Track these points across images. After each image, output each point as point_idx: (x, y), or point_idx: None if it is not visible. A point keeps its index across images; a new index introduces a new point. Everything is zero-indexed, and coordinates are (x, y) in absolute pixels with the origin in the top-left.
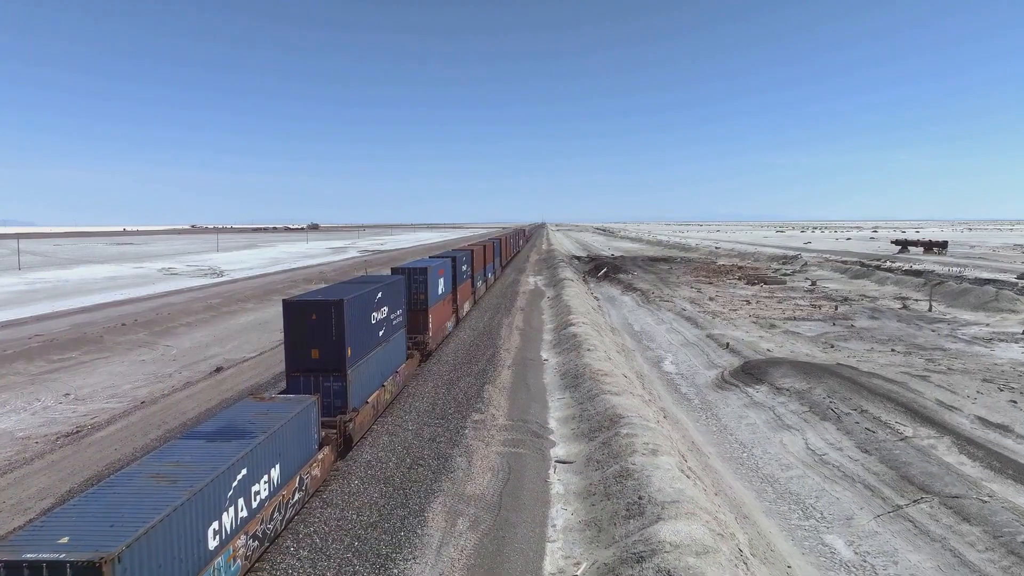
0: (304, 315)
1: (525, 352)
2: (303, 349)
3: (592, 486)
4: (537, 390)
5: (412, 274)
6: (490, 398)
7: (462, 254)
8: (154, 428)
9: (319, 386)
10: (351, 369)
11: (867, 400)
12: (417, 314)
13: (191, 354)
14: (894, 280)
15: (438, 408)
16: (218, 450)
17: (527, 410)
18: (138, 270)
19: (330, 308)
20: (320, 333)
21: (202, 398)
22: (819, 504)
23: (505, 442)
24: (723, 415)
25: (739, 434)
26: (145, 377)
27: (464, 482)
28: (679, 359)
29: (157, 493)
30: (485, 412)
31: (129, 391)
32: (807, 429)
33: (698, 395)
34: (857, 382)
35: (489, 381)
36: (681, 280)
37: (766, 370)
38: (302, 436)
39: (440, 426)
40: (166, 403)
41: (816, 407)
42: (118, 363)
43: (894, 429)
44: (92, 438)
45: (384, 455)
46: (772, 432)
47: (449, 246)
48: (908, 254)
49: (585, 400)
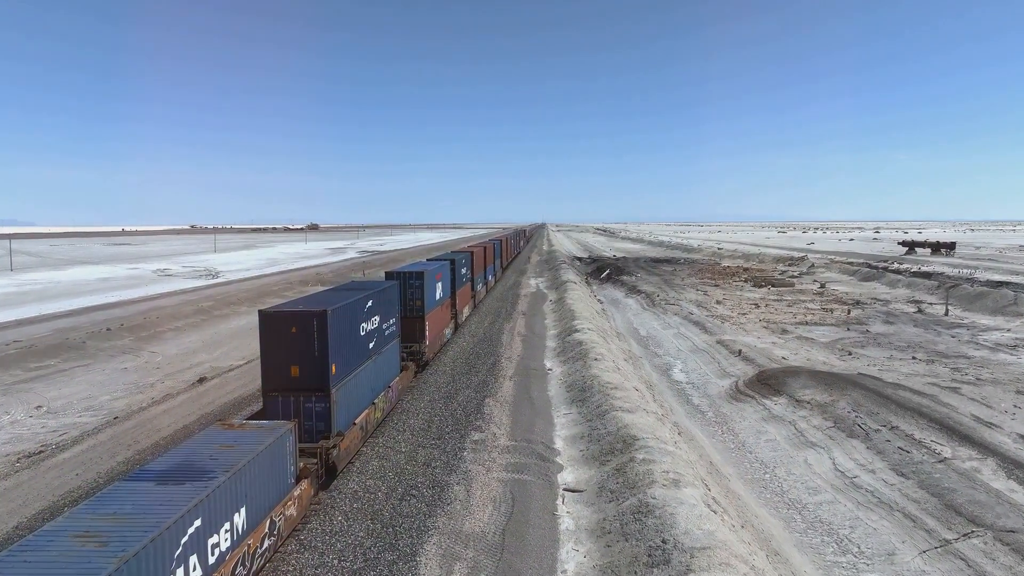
0: (283, 328)
1: (528, 361)
2: (282, 366)
3: (606, 522)
4: (541, 404)
5: (408, 279)
6: (491, 414)
7: (461, 256)
8: (123, 449)
9: (300, 407)
10: (336, 388)
11: (896, 415)
12: (413, 322)
13: (176, 361)
14: (906, 283)
15: (434, 426)
16: (168, 496)
17: (531, 428)
18: (132, 271)
19: (312, 320)
20: (301, 348)
21: (180, 413)
22: (855, 536)
23: (508, 466)
24: (740, 430)
25: (759, 452)
26: (125, 387)
27: (462, 516)
28: (689, 367)
29: (80, 560)
30: (485, 430)
31: (106, 403)
32: (833, 447)
33: (712, 407)
34: (883, 394)
35: (490, 394)
36: (686, 282)
37: (784, 380)
38: (275, 471)
39: (436, 447)
40: (141, 419)
41: (841, 422)
42: (99, 371)
43: (930, 449)
44: (55, 460)
45: (373, 483)
46: (795, 450)
47: (449, 246)
48: (916, 255)
49: (594, 417)
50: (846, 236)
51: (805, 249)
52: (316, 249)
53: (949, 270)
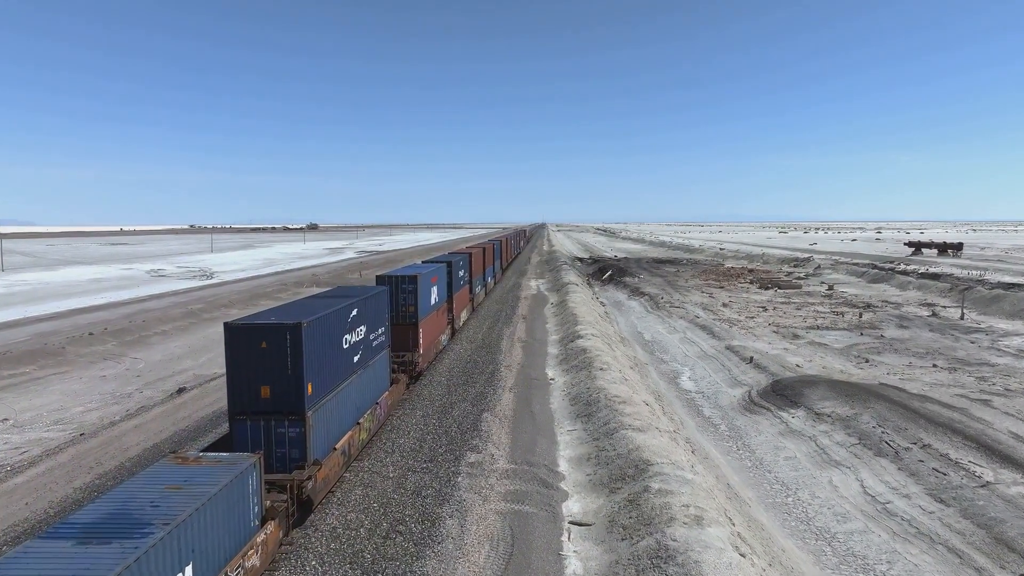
0: (251, 342)
1: (529, 369)
2: (250, 386)
3: (619, 565)
4: (544, 420)
5: (400, 283)
6: (489, 431)
7: (459, 258)
8: (84, 472)
9: (270, 433)
10: (313, 411)
11: (926, 431)
12: (405, 329)
13: (159, 369)
14: (916, 285)
15: (426, 446)
16: (86, 561)
17: (533, 448)
18: (125, 272)
19: (284, 333)
20: (272, 365)
21: (152, 429)
22: (894, 573)
23: (507, 495)
24: (756, 446)
25: (779, 471)
26: (101, 397)
27: (455, 559)
28: (697, 374)
29: None
30: (483, 451)
31: (78, 416)
32: (860, 467)
33: (724, 420)
34: (909, 407)
35: (488, 408)
36: (690, 284)
37: (800, 391)
38: (234, 515)
39: (428, 472)
40: (109, 435)
41: (867, 439)
42: (75, 380)
43: (969, 471)
44: (7, 485)
45: (355, 518)
46: (818, 469)
47: (449, 246)
48: (922, 256)
49: (602, 435)
50: (848, 236)
51: (809, 250)
52: (314, 249)
53: (958, 271)
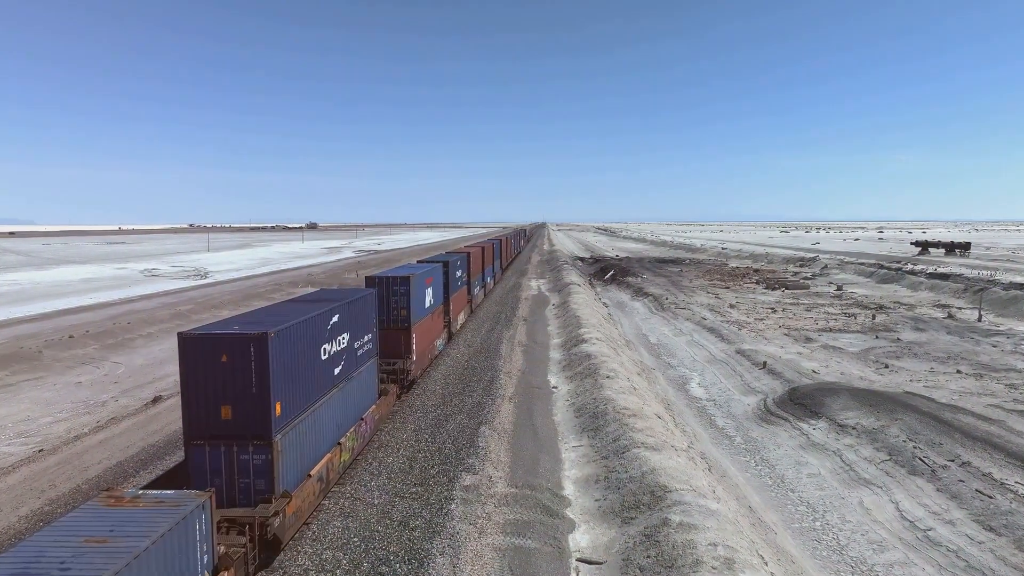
0: (209, 355)
1: (530, 376)
2: (209, 406)
3: None
4: (546, 434)
5: (391, 284)
6: (487, 448)
7: (457, 258)
8: (34, 496)
9: (232, 461)
10: (281, 434)
11: (963, 446)
12: (397, 335)
13: (139, 374)
14: (928, 285)
15: (417, 466)
16: None
17: (535, 467)
18: (119, 271)
19: (248, 345)
20: (233, 382)
21: (118, 444)
22: None
23: (506, 526)
24: (775, 460)
25: (803, 490)
26: (73, 406)
27: None
28: (708, 380)
29: None
30: (479, 472)
31: (44, 427)
32: (893, 487)
33: (739, 431)
34: (940, 419)
35: (486, 420)
36: (695, 284)
37: (820, 399)
38: (173, 571)
39: (417, 498)
40: (71, 452)
41: (897, 454)
42: (49, 386)
43: (1017, 493)
44: None
45: (331, 557)
46: (846, 488)
47: (448, 246)
48: (929, 256)
49: (611, 454)
50: (850, 236)
51: (814, 249)
52: (312, 248)
53: (968, 272)
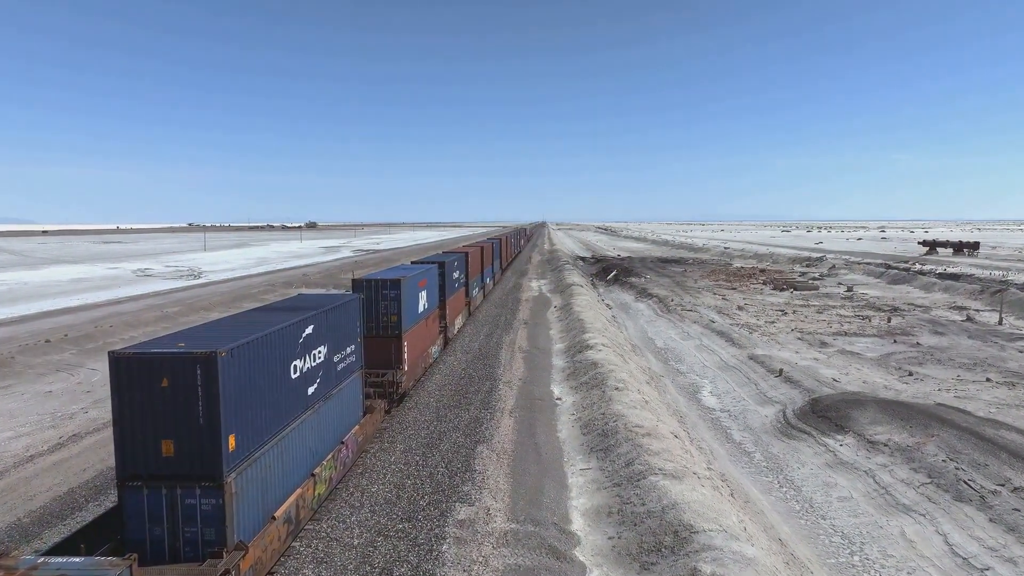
0: (147, 379)
1: (531, 386)
2: (147, 440)
3: None
4: (551, 455)
5: (380, 288)
6: (484, 472)
7: (454, 258)
8: None
9: (176, 506)
10: (236, 473)
11: (1012, 468)
12: (387, 343)
13: None
14: (941, 286)
15: (405, 496)
16: None
17: (538, 497)
18: (111, 271)
19: (193, 367)
20: (176, 412)
21: (75, 467)
22: None
23: (506, 574)
24: (801, 481)
25: (835, 517)
26: (39, 419)
27: None
28: (720, 388)
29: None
30: (476, 502)
31: (2, 443)
32: (938, 515)
33: (758, 446)
34: (982, 436)
35: (483, 439)
36: (700, 284)
37: (846, 412)
38: None
39: (404, 537)
40: (19, 476)
41: (938, 476)
42: (16, 396)
43: None
44: None
45: None
46: (883, 516)
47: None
48: (937, 255)
49: (625, 480)
50: (852, 235)
51: (817, 249)
52: (310, 248)
53: (978, 272)
